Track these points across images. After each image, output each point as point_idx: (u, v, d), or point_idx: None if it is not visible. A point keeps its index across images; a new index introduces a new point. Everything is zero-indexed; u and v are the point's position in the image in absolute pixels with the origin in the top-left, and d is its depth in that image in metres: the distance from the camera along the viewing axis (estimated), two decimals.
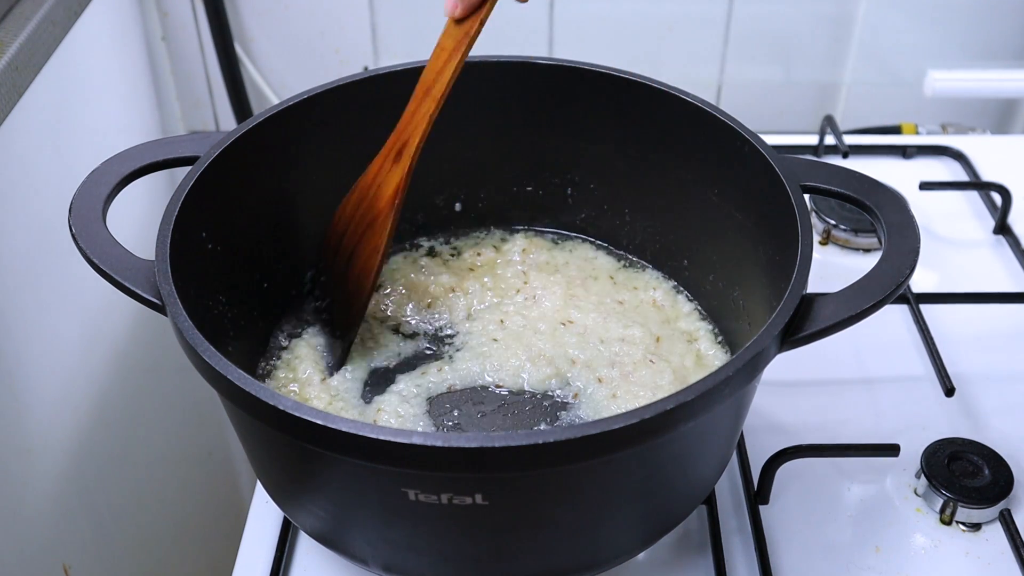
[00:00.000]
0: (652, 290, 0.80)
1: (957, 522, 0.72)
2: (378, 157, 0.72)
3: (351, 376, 0.74)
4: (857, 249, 0.97)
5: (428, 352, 0.76)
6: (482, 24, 0.67)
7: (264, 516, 0.73)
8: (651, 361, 0.72)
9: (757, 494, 0.73)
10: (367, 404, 0.72)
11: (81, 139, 1.04)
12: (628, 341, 0.74)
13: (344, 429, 0.50)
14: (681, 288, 0.80)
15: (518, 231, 0.86)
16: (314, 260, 0.80)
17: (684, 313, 0.79)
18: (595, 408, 0.70)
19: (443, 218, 0.85)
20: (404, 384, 0.73)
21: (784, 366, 0.63)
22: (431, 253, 0.85)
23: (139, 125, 1.22)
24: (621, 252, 0.84)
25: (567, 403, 0.71)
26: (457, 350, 0.76)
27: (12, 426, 0.88)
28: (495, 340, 0.75)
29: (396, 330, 0.78)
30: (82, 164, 0.71)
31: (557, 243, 0.85)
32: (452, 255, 0.84)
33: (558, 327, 0.76)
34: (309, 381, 0.73)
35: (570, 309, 0.77)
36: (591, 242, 0.85)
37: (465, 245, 0.85)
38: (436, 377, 0.73)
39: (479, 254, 0.83)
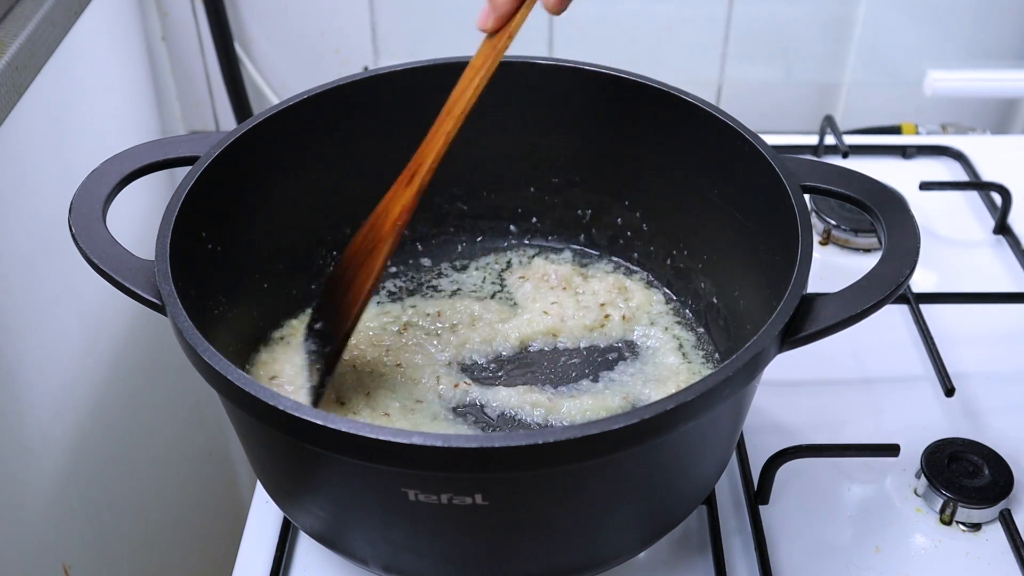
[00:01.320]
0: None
1: (957, 522, 0.72)
2: (397, 181, 0.69)
3: None
4: (857, 249, 0.97)
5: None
6: (511, 38, 0.65)
7: (264, 516, 0.73)
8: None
9: (757, 494, 0.73)
10: None
11: (81, 139, 1.04)
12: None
13: (344, 429, 0.50)
14: (679, 287, 0.81)
15: (519, 246, 0.86)
16: (312, 260, 0.80)
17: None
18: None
19: (443, 218, 0.85)
20: None
21: (784, 366, 0.63)
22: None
23: (139, 125, 1.22)
24: (617, 256, 0.84)
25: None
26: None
27: (12, 426, 0.88)
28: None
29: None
30: (82, 164, 0.71)
31: (556, 251, 0.85)
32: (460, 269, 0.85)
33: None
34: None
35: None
36: (587, 244, 0.85)
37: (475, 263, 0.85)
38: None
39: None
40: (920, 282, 0.92)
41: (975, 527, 0.72)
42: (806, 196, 0.65)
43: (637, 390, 0.73)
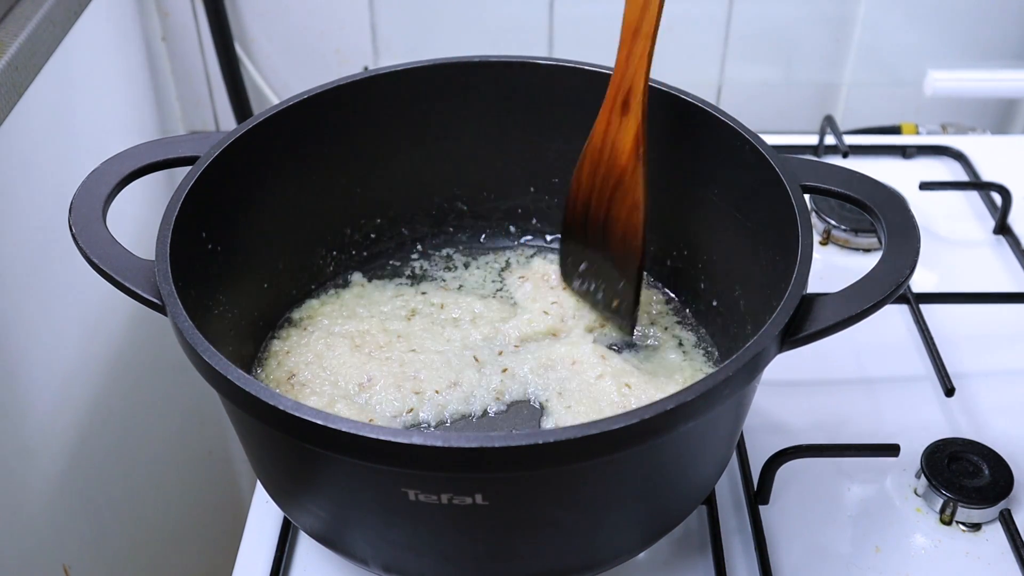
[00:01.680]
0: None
1: (957, 522, 0.72)
2: (600, 116, 0.71)
3: None
4: (857, 249, 0.97)
5: None
6: None
7: (264, 516, 0.73)
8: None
9: (757, 494, 0.73)
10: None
11: (81, 139, 1.04)
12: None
13: (344, 429, 0.50)
14: (679, 287, 0.81)
15: (520, 246, 0.86)
16: (312, 260, 0.80)
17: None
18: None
19: (443, 218, 0.85)
20: None
21: (784, 366, 0.63)
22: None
23: (139, 125, 1.22)
24: None
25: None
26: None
27: (12, 426, 0.88)
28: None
29: None
30: (82, 164, 0.71)
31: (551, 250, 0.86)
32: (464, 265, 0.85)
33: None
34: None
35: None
36: None
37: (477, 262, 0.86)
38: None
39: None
40: (920, 282, 0.92)
41: (975, 527, 0.72)
42: (806, 196, 0.65)
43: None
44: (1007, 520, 0.71)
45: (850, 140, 1.09)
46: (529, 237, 0.86)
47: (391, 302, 0.80)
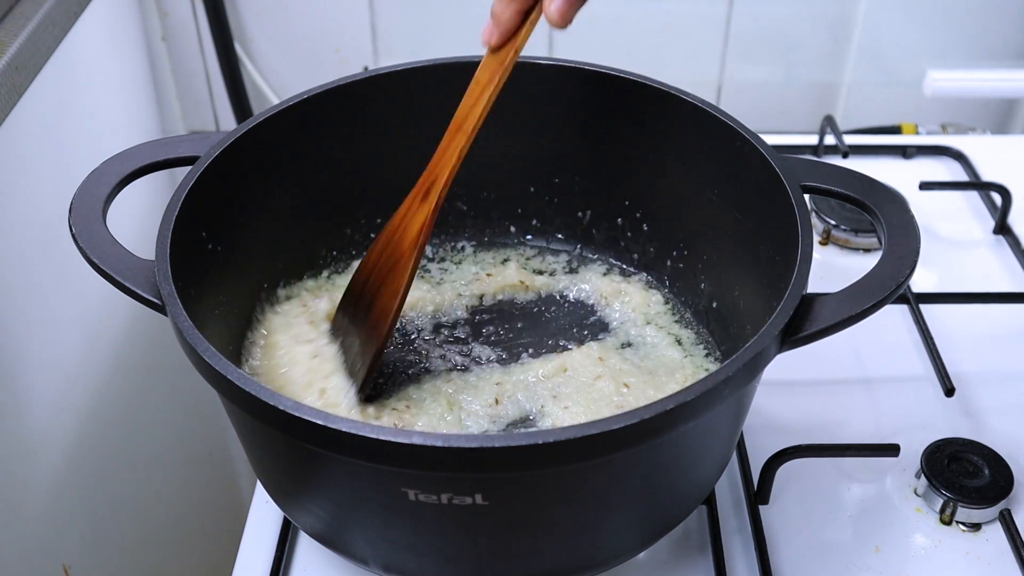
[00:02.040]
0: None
1: (957, 522, 0.72)
2: (408, 197, 0.69)
3: None
4: (857, 249, 0.97)
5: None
6: (517, 53, 0.65)
7: (264, 516, 0.73)
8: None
9: (757, 494, 0.73)
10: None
11: (81, 139, 1.04)
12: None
13: (344, 429, 0.50)
14: (679, 287, 0.81)
15: (518, 244, 0.86)
16: (311, 260, 0.81)
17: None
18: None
19: (443, 218, 0.85)
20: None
21: (784, 366, 0.63)
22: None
23: (139, 125, 1.22)
24: (616, 257, 0.84)
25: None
26: None
27: (12, 426, 0.88)
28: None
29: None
30: (82, 164, 0.71)
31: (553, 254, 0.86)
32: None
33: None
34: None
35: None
36: (586, 244, 0.85)
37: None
38: None
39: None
40: (920, 282, 0.92)
41: (975, 527, 0.72)
42: (806, 196, 0.65)
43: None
44: (1007, 520, 0.71)
45: (850, 140, 1.09)
46: (530, 237, 0.86)
47: None
